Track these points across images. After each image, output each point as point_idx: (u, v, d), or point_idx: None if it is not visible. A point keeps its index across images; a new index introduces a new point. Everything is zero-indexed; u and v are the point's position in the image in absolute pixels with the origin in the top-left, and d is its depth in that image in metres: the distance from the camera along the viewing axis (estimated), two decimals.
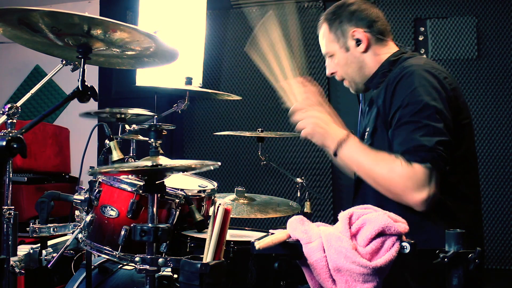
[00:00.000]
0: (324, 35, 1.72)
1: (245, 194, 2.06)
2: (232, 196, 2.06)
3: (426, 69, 1.49)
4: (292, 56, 1.71)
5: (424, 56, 1.69)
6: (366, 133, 1.69)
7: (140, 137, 1.98)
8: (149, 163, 1.25)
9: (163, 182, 1.31)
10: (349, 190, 1.91)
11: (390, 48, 1.68)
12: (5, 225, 1.67)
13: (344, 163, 1.52)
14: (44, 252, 1.84)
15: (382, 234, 1.12)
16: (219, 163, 1.31)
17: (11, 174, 1.74)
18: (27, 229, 1.78)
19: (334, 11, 1.71)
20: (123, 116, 1.87)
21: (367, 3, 1.70)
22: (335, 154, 1.51)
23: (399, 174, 1.37)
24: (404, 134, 1.42)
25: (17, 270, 1.72)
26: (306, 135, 1.56)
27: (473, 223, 1.50)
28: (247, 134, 2.18)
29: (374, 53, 1.66)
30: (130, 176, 1.56)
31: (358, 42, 1.65)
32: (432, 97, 1.42)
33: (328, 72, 1.77)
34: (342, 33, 1.66)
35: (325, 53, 1.74)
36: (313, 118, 1.55)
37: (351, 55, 1.67)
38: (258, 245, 1.13)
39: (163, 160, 1.35)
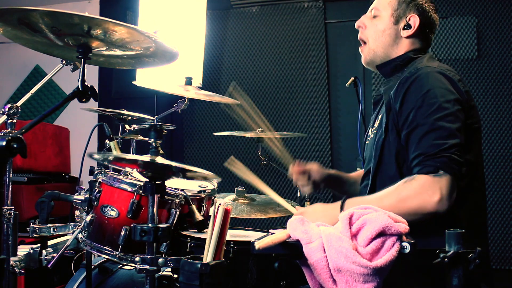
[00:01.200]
0: None
1: (245, 194, 2.06)
2: (232, 196, 2.06)
3: (440, 71, 1.49)
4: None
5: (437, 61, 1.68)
6: (375, 127, 1.68)
7: (140, 137, 1.98)
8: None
9: (163, 182, 1.31)
10: None
11: (417, 47, 1.68)
12: (5, 225, 1.67)
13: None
14: (44, 252, 1.84)
15: (382, 234, 1.12)
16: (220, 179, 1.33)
17: (11, 174, 1.74)
18: (27, 229, 1.78)
19: None
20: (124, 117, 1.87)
21: (438, 14, 1.70)
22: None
23: (408, 193, 1.37)
24: (417, 138, 1.42)
25: (17, 270, 1.72)
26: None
27: (477, 229, 1.50)
28: (247, 134, 2.18)
29: (408, 45, 1.66)
30: (130, 176, 1.55)
31: (408, 27, 1.64)
32: (446, 98, 1.42)
33: (357, 23, 1.73)
34: (404, 9, 1.65)
35: (374, 8, 1.70)
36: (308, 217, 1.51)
37: (393, 29, 1.65)
38: (258, 245, 1.13)
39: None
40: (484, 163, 3.20)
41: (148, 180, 1.29)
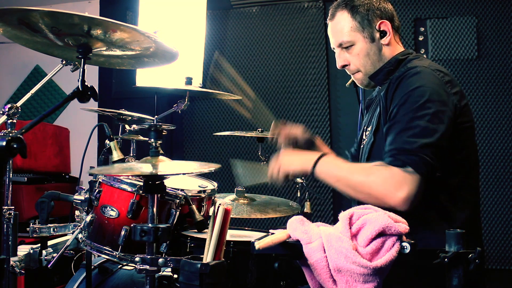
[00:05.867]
0: (344, 23, 1.66)
1: (245, 194, 2.06)
2: (232, 196, 2.06)
3: (431, 70, 1.49)
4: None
5: (429, 59, 1.68)
6: (368, 131, 1.69)
7: (140, 137, 1.98)
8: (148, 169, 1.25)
9: (163, 182, 1.31)
10: None
11: (400, 46, 1.69)
12: (5, 225, 1.67)
13: (322, 178, 1.51)
14: (44, 252, 1.84)
15: (382, 234, 1.12)
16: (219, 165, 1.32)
17: (11, 174, 1.74)
18: (27, 229, 1.78)
19: (354, 0, 1.67)
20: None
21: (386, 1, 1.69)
22: (313, 172, 1.50)
23: (377, 178, 1.38)
24: (393, 133, 1.43)
25: (17, 270, 1.72)
26: (284, 171, 1.56)
27: (471, 226, 1.50)
28: (247, 134, 2.18)
29: (391, 48, 1.65)
30: (130, 176, 1.55)
31: (383, 34, 1.63)
32: (430, 98, 1.42)
33: (339, 65, 1.71)
34: (368, 23, 1.63)
35: (342, 43, 1.67)
36: (284, 156, 1.59)
37: (374, 47, 1.64)
38: (258, 245, 1.13)
39: (163, 162, 1.35)
40: (484, 163, 3.23)
41: (147, 180, 1.29)
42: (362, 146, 1.77)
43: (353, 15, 1.64)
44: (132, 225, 1.27)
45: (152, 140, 1.39)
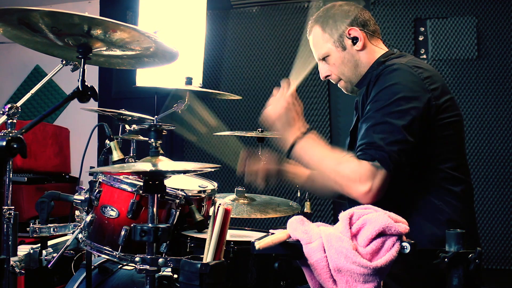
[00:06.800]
0: (317, 37, 1.72)
1: (245, 194, 2.06)
2: (232, 196, 2.06)
3: (408, 67, 1.50)
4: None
5: (412, 55, 1.69)
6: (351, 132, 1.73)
7: (141, 137, 1.98)
8: (148, 167, 1.25)
9: (163, 182, 1.31)
10: None
11: (381, 48, 1.70)
12: (5, 225, 1.67)
13: (298, 156, 1.57)
14: (44, 252, 1.84)
15: (382, 234, 1.12)
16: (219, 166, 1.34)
17: (11, 174, 1.74)
18: (27, 229, 1.78)
19: (325, 13, 1.71)
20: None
21: (356, 4, 1.72)
22: (292, 147, 1.56)
23: (345, 167, 1.43)
24: (364, 128, 1.46)
25: (17, 270, 1.72)
26: (273, 117, 1.69)
27: (464, 221, 1.49)
28: (247, 134, 2.18)
29: (369, 52, 1.67)
30: (130, 176, 1.55)
31: (355, 40, 1.65)
32: (403, 95, 1.43)
33: (322, 76, 1.77)
34: (338, 32, 1.67)
35: (319, 55, 1.74)
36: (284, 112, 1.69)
37: (347, 54, 1.67)
38: (258, 245, 1.13)
39: (163, 162, 1.35)
40: (484, 163, 3.23)
41: (147, 180, 1.29)
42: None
43: (323, 28, 1.70)
44: (132, 225, 1.27)
45: (152, 140, 1.39)
